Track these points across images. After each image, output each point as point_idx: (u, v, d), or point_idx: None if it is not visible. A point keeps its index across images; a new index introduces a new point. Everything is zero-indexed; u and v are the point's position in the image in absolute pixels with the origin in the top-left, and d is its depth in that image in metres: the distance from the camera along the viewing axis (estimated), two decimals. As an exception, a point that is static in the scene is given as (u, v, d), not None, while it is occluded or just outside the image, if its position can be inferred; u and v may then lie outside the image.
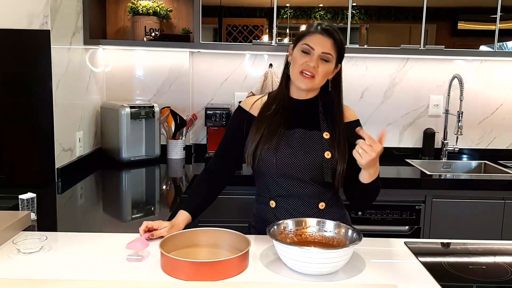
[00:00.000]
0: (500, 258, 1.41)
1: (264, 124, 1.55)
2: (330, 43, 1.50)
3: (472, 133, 3.03)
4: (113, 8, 2.86)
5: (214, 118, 2.74)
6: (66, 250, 1.35)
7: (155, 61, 2.88)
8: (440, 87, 2.99)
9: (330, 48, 1.50)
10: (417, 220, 2.41)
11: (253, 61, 2.94)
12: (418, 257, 1.37)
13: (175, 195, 2.21)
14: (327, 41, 1.50)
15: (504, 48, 2.67)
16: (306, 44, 1.51)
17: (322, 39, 1.50)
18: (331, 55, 1.50)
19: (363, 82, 2.97)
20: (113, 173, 2.51)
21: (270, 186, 1.57)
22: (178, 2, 2.88)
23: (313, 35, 1.51)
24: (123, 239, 1.38)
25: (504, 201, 2.41)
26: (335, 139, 1.53)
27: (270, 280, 1.19)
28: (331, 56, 1.51)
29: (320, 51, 1.49)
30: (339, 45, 1.52)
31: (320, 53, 1.49)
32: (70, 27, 2.36)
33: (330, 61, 1.51)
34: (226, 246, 1.35)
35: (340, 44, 1.52)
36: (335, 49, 1.51)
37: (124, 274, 1.20)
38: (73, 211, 1.90)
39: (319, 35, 1.50)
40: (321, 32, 1.50)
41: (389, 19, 2.65)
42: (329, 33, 1.50)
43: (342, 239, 1.33)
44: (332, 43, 1.50)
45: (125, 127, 2.57)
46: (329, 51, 1.50)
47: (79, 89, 2.48)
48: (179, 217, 1.51)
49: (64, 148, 2.27)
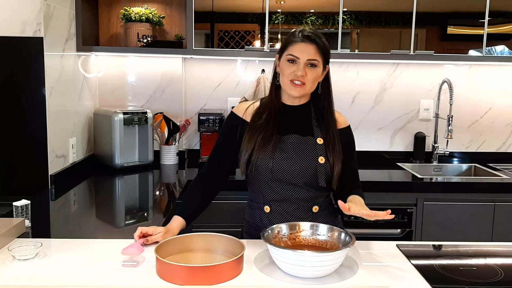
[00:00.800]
0: (491, 260, 1.43)
1: (256, 133, 1.56)
2: (314, 48, 1.51)
3: (462, 137, 3.07)
4: (105, 15, 2.87)
5: (207, 124, 2.75)
6: (61, 256, 1.36)
7: (148, 67, 2.89)
8: (430, 92, 3.02)
9: (315, 54, 1.51)
10: (409, 223, 2.43)
11: (245, 66, 2.96)
12: (410, 259, 1.39)
13: (168, 200, 2.22)
14: (310, 48, 1.51)
15: (493, 52, 2.72)
16: (291, 54, 1.51)
17: (305, 47, 1.51)
18: (317, 61, 1.51)
19: (354, 87, 3.01)
20: (107, 179, 2.51)
21: (264, 192, 1.59)
22: (170, 9, 2.89)
23: (296, 44, 1.52)
24: (118, 245, 1.39)
25: (494, 203, 2.44)
26: (329, 142, 1.55)
27: (264, 283, 1.20)
28: (317, 61, 1.52)
29: (305, 59, 1.50)
30: (323, 49, 1.52)
31: (305, 60, 1.50)
32: (63, 34, 2.37)
33: (317, 65, 1.52)
34: (220, 250, 1.36)
35: (323, 48, 1.53)
36: (320, 53, 1.52)
37: (119, 280, 1.21)
38: (66, 218, 1.90)
39: (301, 43, 1.51)
40: (303, 40, 1.51)
41: (379, 24, 2.69)
42: (311, 39, 1.51)
43: (335, 242, 1.35)
44: (316, 48, 1.51)
45: (118, 133, 2.57)
46: (314, 57, 1.51)
47: (72, 96, 2.49)
48: (173, 222, 1.52)
49: (57, 154, 2.28)
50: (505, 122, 3.07)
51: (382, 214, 1.32)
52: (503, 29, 2.71)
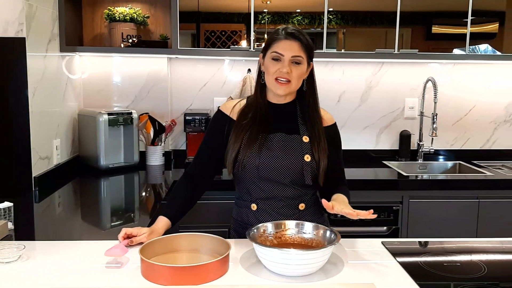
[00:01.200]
0: (475, 255, 1.45)
1: (242, 132, 1.57)
2: (298, 45, 1.52)
3: (447, 135, 3.10)
4: (89, 15, 2.84)
5: (193, 124, 2.74)
6: (44, 259, 1.34)
7: (133, 68, 2.87)
8: (414, 90, 3.05)
9: (299, 50, 1.52)
10: (395, 221, 2.45)
11: (231, 66, 2.96)
12: (395, 256, 1.40)
13: (154, 201, 2.21)
14: (294, 45, 1.52)
15: (477, 51, 2.75)
16: (275, 51, 1.52)
17: (289, 44, 1.52)
18: (301, 57, 1.53)
19: (340, 86, 3.02)
20: (92, 180, 2.49)
21: (251, 190, 1.59)
22: (155, 9, 2.88)
23: (279, 41, 1.53)
24: (103, 247, 1.38)
25: (478, 200, 2.47)
26: (314, 139, 1.56)
27: (250, 282, 1.20)
28: (302, 58, 1.53)
29: (289, 56, 1.51)
30: (306, 46, 1.54)
31: (290, 57, 1.51)
32: (46, 34, 2.34)
33: (302, 63, 1.54)
34: (206, 250, 1.36)
35: (307, 45, 1.54)
36: (304, 50, 1.53)
37: (104, 281, 1.20)
38: (51, 220, 1.87)
39: (285, 41, 1.52)
40: (287, 37, 1.52)
41: (365, 24, 2.70)
42: (295, 36, 1.52)
43: (321, 240, 1.36)
44: (299, 45, 1.52)
45: (103, 134, 2.55)
46: (298, 53, 1.52)
47: (55, 97, 2.46)
48: (158, 223, 1.51)
49: (41, 156, 2.25)
50: (488, 120, 3.10)
51: (365, 213, 1.32)
52: (486, 28, 2.75)
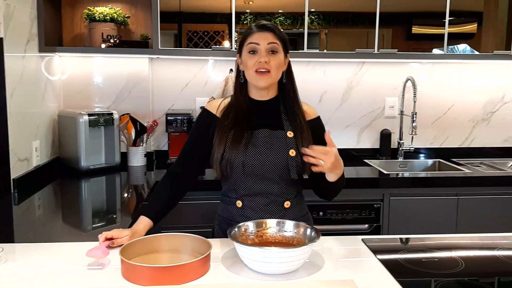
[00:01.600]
0: (453, 251, 1.47)
1: (226, 133, 1.57)
2: (271, 35, 1.57)
3: (426, 133, 3.14)
4: (69, 15, 2.81)
5: (175, 124, 2.73)
6: (24, 261, 1.32)
7: (114, 68, 2.85)
8: (395, 90, 3.09)
9: (273, 38, 1.56)
10: (376, 219, 2.48)
11: (213, 66, 2.96)
12: (375, 253, 1.42)
13: (136, 202, 2.20)
14: (268, 34, 1.56)
15: (456, 51, 2.79)
16: (250, 42, 1.56)
17: (263, 34, 1.56)
18: (277, 44, 1.56)
19: (321, 86, 3.04)
20: (72, 182, 2.47)
21: (237, 187, 1.59)
22: (136, 8, 2.86)
23: (253, 34, 1.57)
24: (84, 248, 1.36)
25: (457, 197, 2.51)
26: (297, 131, 1.58)
27: (231, 281, 1.21)
28: (277, 45, 1.57)
29: (265, 44, 1.55)
30: (280, 36, 1.58)
31: (266, 45, 1.55)
32: (24, 34, 2.31)
33: (278, 51, 1.57)
34: (187, 250, 1.36)
35: (281, 35, 1.59)
36: (278, 38, 1.57)
37: (84, 283, 1.19)
38: (31, 222, 1.85)
39: (258, 32, 1.57)
40: (259, 29, 1.57)
41: (347, 25, 2.73)
42: (267, 28, 1.57)
43: (302, 238, 1.37)
44: (273, 34, 1.57)
45: (83, 135, 2.53)
46: (274, 40, 1.56)
47: (34, 98, 2.43)
48: (140, 223, 1.50)
49: (20, 158, 2.22)
50: (467, 118, 3.16)
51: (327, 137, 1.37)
52: (465, 28, 2.79)
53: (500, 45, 2.81)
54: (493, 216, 2.52)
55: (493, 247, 1.50)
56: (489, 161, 3.00)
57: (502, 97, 3.16)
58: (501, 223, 2.51)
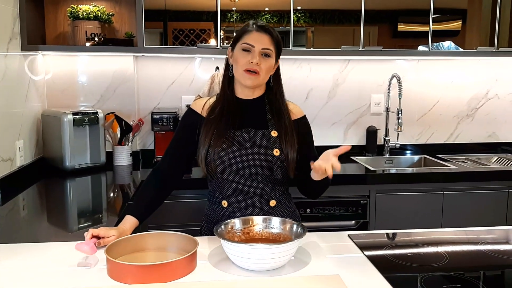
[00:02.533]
0: (438, 245, 1.48)
1: (211, 128, 1.57)
2: (268, 39, 1.56)
3: (412, 129, 3.17)
4: (52, 13, 2.78)
5: (161, 123, 2.72)
6: (9, 261, 1.31)
7: (98, 66, 2.82)
8: (380, 86, 3.11)
9: (269, 44, 1.56)
10: (363, 215, 2.49)
11: (199, 64, 2.95)
12: (361, 248, 1.43)
13: (123, 202, 2.18)
14: (265, 38, 1.56)
15: (441, 48, 2.82)
16: (246, 43, 1.55)
17: (260, 36, 1.55)
18: (271, 50, 1.56)
19: (307, 84, 3.05)
20: (57, 182, 2.44)
21: (222, 186, 1.59)
22: (120, 6, 2.84)
23: (250, 33, 1.56)
24: (70, 248, 1.35)
25: (443, 192, 2.54)
26: (282, 131, 1.57)
27: (218, 278, 1.20)
28: (271, 51, 1.56)
29: (260, 48, 1.54)
30: (276, 41, 1.58)
31: (260, 49, 1.54)
32: (6, 33, 2.28)
33: (271, 56, 1.57)
34: (174, 248, 1.35)
35: (277, 40, 1.59)
36: (274, 44, 1.57)
37: (71, 283, 1.18)
38: (15, 223, 1.82)
39: (256, 33, 1.56)
40: (258, 30, 1.56)
41: (333, 22, 2.73)
42: (265, 30, 1.57)
43: (288, 234, 1.37)
44: (270, 38, 1.56)
45: (67, 134, 2.50)
46: (269, 46, 1.56)
47: (17, 97, 2.40)
48: (126, 223, 1.49)
49: (3, 158, 2.19)
50: (452, 114, 3.19)
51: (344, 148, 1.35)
52: (449, 26, 2.82)
53: (484, 42, 2.84)
54: (478, 211, 2.55)
55: (478, 242, 1.52)
56: (473, 156, 3.04)
57: (486, 93, 3.20)
58: (485, 218, 2.54)
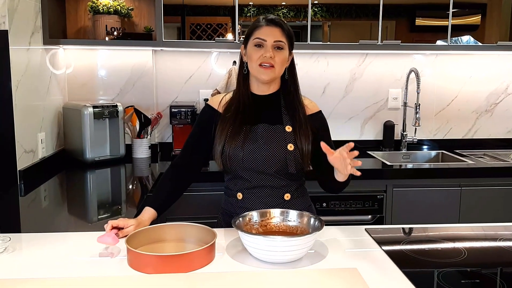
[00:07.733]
0: (457, 241, 1.48)
1: (227, 126, 1.59)
2: (279, 31, 1.57)
3: (430, 125, 3.14)
4: (73, 8, 2.82)
5: (179, 116, 2.74)
6: (31, 250, 1.34)
7: (118, 60, 2.86)
8: (398, 81, 3.09)
9: (281, 36, 1.57)
10: (379, 209, 2.49)
11: (217, 58, 2.96)
12: (378, 242, 1.43)
13: (141, 194, 2.21)
14: (275, 30, 1.56)
15: (459, 42, 2.79)
16: (257, 38, 1.56)
17: (271, 30, 1.56)
18: (283, 42, 1.57)
19: (324, 78, 3.04)
20: (78, 174, 2.49)
21: (237, 180, 1.61)
22: (139, 1, 2.86)
23: (261, 28, 1.57)
24: (90, 238, 1.38)
25: (460, 188, 2.52)
26: (296, 126, 1.58)
27: (236, 270, 1.22)
28: (284, 43, 1.57)
29: (272, 41, 1.55)
30: (288, 33, 1.59)
31: (272, 42, 1.55)
32: (28, 27, 2.32)
33: (284, 48, 1.57)
34: (192, 239, 1.37)
35: (288, 31, 1.59)
36: (285, 36, 1.58)
37: (91, 272, 1.21)
38: (37, 213, 1.87)
39: (266, 27, 1.57)
40: (268, 24, 1.57)
41: (350, 17, 2.72)
42: (275, 23, 1.57)
43: (305, 227, 1.38)
44: (281, 31, 1.57)
45: (88, 127, 2.54)
46: (280, 38, 1.56)
47: (39, 90, 2.45)
48: (144, 214, 1.52)
49: (26, 149, 2.24)
50: (470, 110, 3.16)
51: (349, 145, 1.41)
52: (469, 20, 2.79)
53: (504, 36, 2.80)
54: (496, 207, 2.53)
55: (496, 238, 1.51)
56: (492, 152, 3.01)
57: (505, 89, 3.15)
58: (503, 214, 2.52)
